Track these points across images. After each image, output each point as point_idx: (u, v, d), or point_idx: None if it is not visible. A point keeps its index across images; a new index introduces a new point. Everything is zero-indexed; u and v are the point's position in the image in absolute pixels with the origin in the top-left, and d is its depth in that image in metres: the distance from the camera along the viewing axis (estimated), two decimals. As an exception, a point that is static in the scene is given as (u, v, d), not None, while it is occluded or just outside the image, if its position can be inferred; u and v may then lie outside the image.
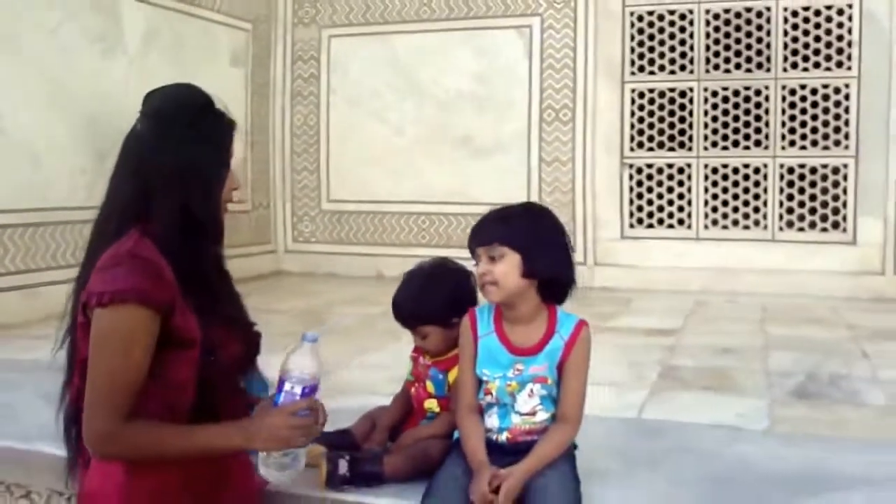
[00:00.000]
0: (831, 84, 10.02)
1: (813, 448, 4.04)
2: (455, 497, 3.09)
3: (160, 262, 2.88)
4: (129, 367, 2.79)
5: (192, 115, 3.07)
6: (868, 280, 9.72)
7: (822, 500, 3.27)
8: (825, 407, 4.96)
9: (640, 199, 10.65)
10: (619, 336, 7.01)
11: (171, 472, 2.88)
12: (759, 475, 3.62)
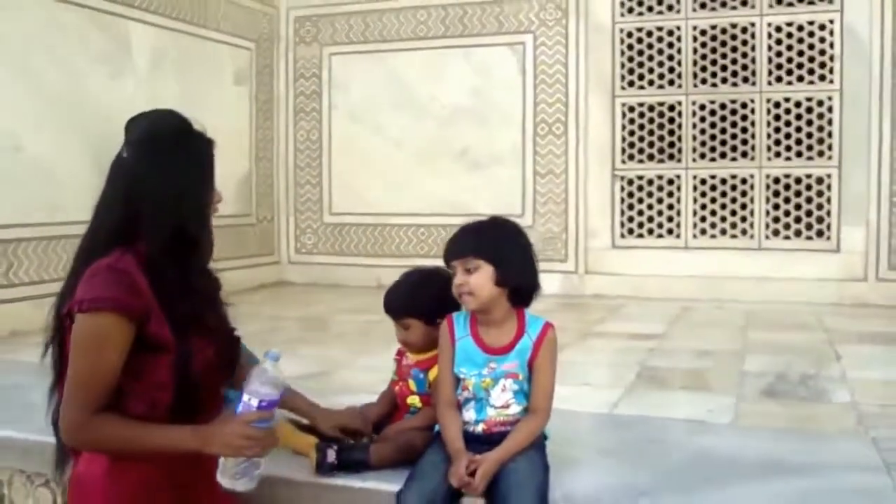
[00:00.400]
0: (814, 97, 10.18)
1: (768, 440, 4.32)
2: (436, 480, 3.34)
3: (136, 276, 3.09)
4: (100, 367, 3.03)
5: (175, 140, 3.29)
6: (851, 287, 9.90)
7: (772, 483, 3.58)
8: (789, 404, 5.22)
9: (630, 210, 10.81)
10: (603, 340, 7.29)
11: (153, 463, 3.08)
12: (717, 463, 3.89)
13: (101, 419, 3.01)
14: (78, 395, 3.03)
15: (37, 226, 8.06)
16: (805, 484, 3.56)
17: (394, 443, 3.72)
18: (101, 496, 3.09)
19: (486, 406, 3.47)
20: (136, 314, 3.05)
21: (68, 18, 8.44)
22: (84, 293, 3.03)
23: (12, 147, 7.83)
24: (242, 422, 2.97)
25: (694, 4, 10.51)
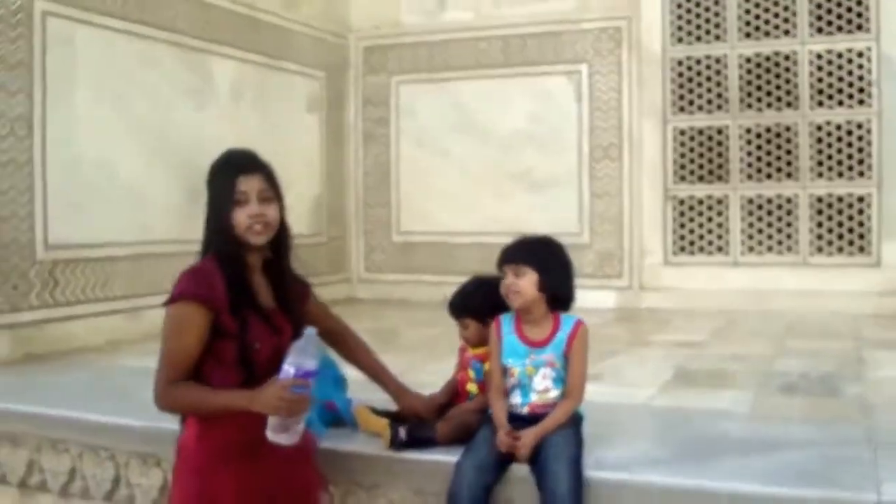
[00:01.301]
0: (854, 120, 10.51)
1: (777, 425, 4.99)
2: (486, 451, 4.04)
3: (215, 275, 3.75)
4: (179, 348, 3.69)
5: (211, 175, 4.01)
6: (891, 300, 10.11)
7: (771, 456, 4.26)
8: (804, 398, 5.83)
9: (682, 228, 11.15)
10: (648, 348, 7.84)
11: (231, 428, 3.68)
12: (728, 442, 4.59)
13: (178, 387, 3.68)
14: (162, 369, 3.72)
15: (128, 245, 8.55)
16: (799, 456, 4.24)
17: (454, 423, 4.39)
18: (195, 454, 3.73)
19: (530, 391, 4.15)
20: (210, 304, 3.69)
21: (159, 54, 8.96)
22: (173, 290, 3.74)
23: (109, 173, 8.32)
24: (280, 387, 3.52)
25: (740, 34, 10.85)
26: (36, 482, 5.62)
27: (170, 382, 3.72)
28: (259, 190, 3.87)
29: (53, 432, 5.52)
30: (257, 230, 3.83)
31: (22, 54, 7.44)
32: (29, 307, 7.53)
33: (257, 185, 3.89)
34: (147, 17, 8.81)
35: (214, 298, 3.70)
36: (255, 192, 3.86)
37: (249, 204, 3.82)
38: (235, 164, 3.97)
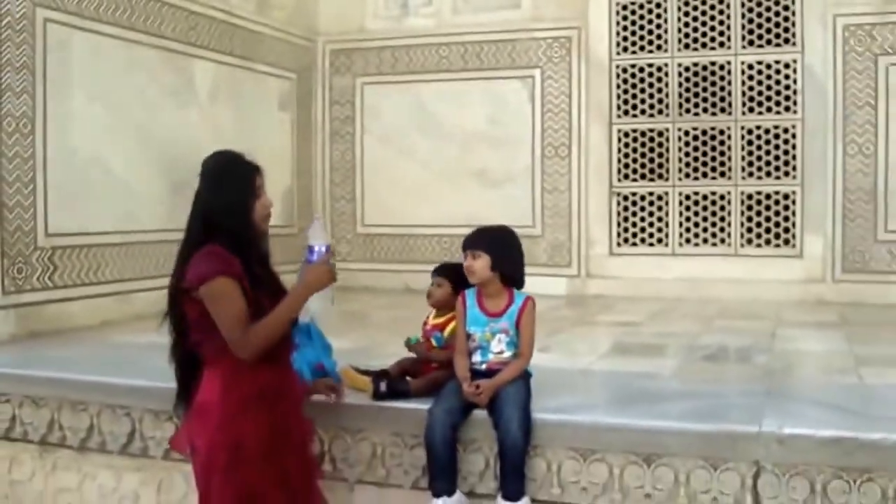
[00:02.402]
0: (780, 125, 11.24)
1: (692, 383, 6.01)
2: (453, 399, 4.95)
3: (230, 257, 4.28)
4: (237, 309, 4.24)
5: (220, 171, 4.47)
6: (812, 287, 10.94)
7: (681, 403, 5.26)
8: (719, 365, 6.84)
9: (626, 222, 11.79)
10: (591, 327, 8.75)
11: (249, 385, 4.30)
12: (650, 394, 5.57)
13: (248, 331, 4.24)
14: (234, 328, 4.24)
15: (118, 233, 9.08)
16: (705, 403, 5.27)
17: (425, 379, 5.31)
18: (218, 410, 4.29)
19: (488, 352, 5.04)
20: (235, 275, 4.26)
21: (145, 57, 9.42)
22: (199, 271, 4.24)
23: (101, 168, 8.84)
24: (325, 262, 4.41)
25: (679, 45, 11.52)
26: (56, 438, 6.27)
27: (242, 331, 4.26)
28: (264, 185, 4.54)
29: (74, 394, 6.20)
30: (267, 219, 4.54)
31: (26, 58, 7.94)
32: (31, 289, 8.04)
33: (264, 181, 4.54)
34: (135, 23, 9.25)
35: (238, 274, 4.31)
36: (264, 187, 4.52)
37: (263, 197, 4.49)
38: (249, 162, 4.56)
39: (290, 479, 4.53)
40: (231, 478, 4.40)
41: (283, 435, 4.51)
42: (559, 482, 5.02)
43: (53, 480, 6.41)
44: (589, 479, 4.97)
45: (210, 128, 10.37)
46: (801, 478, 4.62)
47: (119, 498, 6.20)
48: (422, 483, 5.20)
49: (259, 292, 4.44)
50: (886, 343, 7.82)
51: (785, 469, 4.64)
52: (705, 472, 4.76)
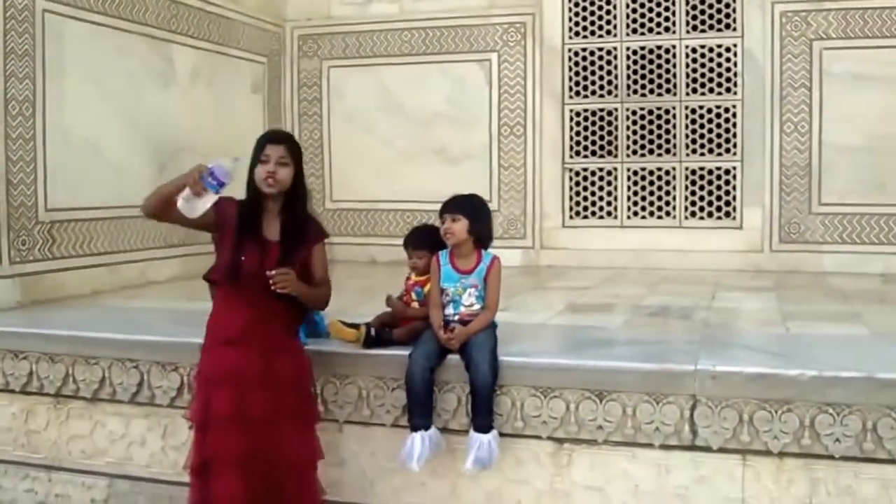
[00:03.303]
0: (722, 105, 11.72)
1: (638, 334, 6.80)
2: (431, 345, 5.65)
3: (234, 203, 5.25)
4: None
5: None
6: (751, 257, 11.46)
7: (627, 349, 6.05)
8: (662, 319, 7.58)
9: (577, 196, 12.24)
10: (546, 291, 9.37)
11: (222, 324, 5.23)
12: (601, 341, 6.36)
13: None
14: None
15: (108, 208, 9.46)
16: (649, 348, 6.07)
17: (405, 329, 6.01)
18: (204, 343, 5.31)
19: (460, 305, 5.74)
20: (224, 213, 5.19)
21: (131, 44, 9.78)
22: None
23: (94, 148, 9.30)
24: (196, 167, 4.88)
25: (627, 30, 11.97)
26: (70, 390, 6.86)
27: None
28: (279, 156, 5.24)
29: (88, 350, 6.80)
30: (270, 183, 5.22)
31: (27, 46, 8.42)
32: (34, 260, 8.54)
33: (279, 152, 5.25)
34: (122, 12, 9.65)
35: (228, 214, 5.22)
36: (275, 157, 5.23)
37: (269, 164, 5.21)
38: (268, 135, 5.47)
39: (249, 412, 5.14)
40: (197, 397, 5.35)
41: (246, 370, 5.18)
42: (522, 417, 5.72)
43: (66, 429, 6.97)
44: (549, 413, 5.68)
45: (189, 109, 10.85)
46: (731, 409, 5.37)
47: (128, 443, 6.79)
48: (402, 421, 5.87)
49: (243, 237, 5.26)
50: (813, 303, 8.52)
51: (717, 402, 5.39)
52: (649, 405, 5.50)
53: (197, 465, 5.22)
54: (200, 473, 5.21)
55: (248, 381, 5.18)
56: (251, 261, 5.18)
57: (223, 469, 5.12)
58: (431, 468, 5.84)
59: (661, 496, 5.59)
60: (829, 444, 5.27)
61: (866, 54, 11.23)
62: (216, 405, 5.13)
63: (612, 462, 5.68)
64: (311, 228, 5.56)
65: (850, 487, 5.29)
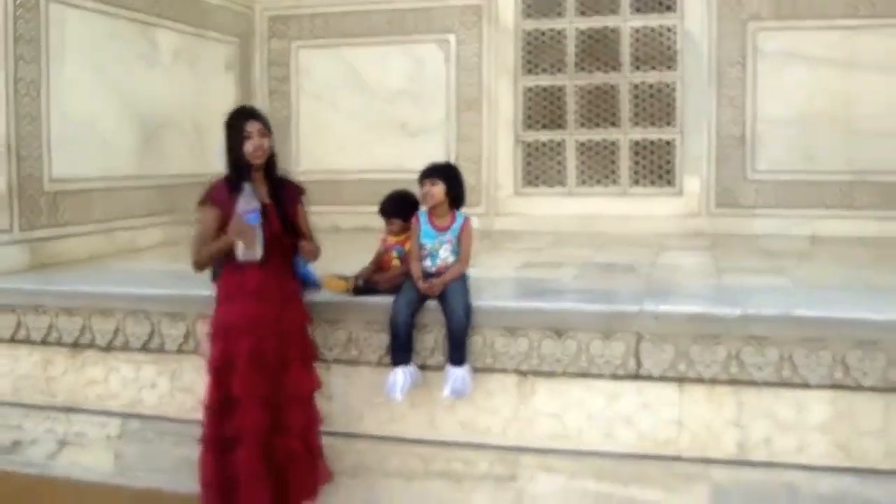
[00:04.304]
0: (663, 81, 12.37)
1: (589, 283, 7.65)
2: (412, 292, 6.42)
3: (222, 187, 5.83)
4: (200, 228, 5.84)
5: (226, 123, 5.93)
6: (691, 220, 12.11)
7: (578, 295, 6.91)
8: (611, 273, 8.38)
9: (529, 166, 12.83)
10: (505, 251, 10.04)
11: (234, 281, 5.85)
12: (553, 289, 7.25)
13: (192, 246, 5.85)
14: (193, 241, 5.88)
15: (102, 179, 10.03)
16: (597, 295, 6.94)
17: (388, 278, 6.79)
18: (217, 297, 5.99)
19: (437, 258, 6.49)
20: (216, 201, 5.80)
21: (121, 28, 10.26)
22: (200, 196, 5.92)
23: (89, 124, 9.80)
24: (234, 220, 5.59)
25: (576, 12, 12.57)
26: (86, 340, 7.58)
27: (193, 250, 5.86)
28: (259, 129, 5.86)
29: (103, 303, 7.53)
30: (258, 155, 5.86)
31: (34, 32, 8.98)
32: (40, 227, 9.11)
33: (258, 126, 5.87)
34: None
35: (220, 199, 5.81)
36: (256, 131, 5.83)
37: (253, 138, 5.82)
38: (244, 112, 6.02)
39: (265, 356, 5.89)
40: (216, 345, 5.94)
41: (264, 319, 5.90)
42: (492, 353, 6.58)
43: (83, 375, 7.70)
44: (515, 349, 6.55)
45: (172, 88, 11.43)
46: (669, 344, 6.28)
47: (139, 386, 7.54)
48: (385, 360, 6.66)
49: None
50: (744, 260, 9.34)
51: (658, 338, 6.30)
52: (600, 341, 6.40)
53: (215, 403, 5.94)
54: (218, 410, 5.93)
55: (267, 328, 5.94)
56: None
57: (249, 404, 5.86)
58: (411, 400, 6.65)
59: (611, 420, 6.46)
60: (752, 372, 6.18)
61: (796, 35, 11.90)
62: (240, 351, 5.86)
63: (569, 391, 6.53)
64: (291, 186, 6.24)
65: (771, 409, 6.19)
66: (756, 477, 6.21)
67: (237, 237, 5.69)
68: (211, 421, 5.99)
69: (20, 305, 7.84)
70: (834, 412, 6.12)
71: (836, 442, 6.12)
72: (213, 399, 5.96)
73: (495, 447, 6.67)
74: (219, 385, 5.93)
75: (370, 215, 7.94)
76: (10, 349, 7.92)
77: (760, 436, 6.24)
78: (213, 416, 5.98)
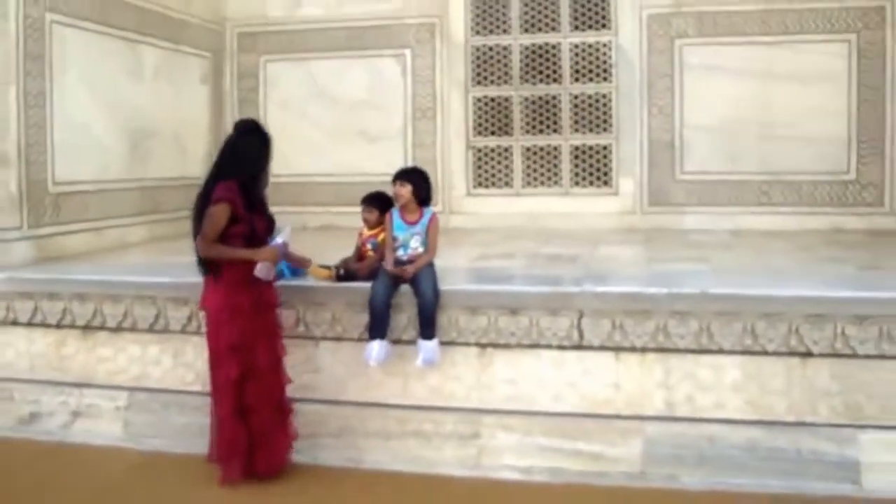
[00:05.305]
0: (600, 92, 13.01)
1: (537, 270, 8.52)
2: (387, 277, 7.24)
3: (236, 189, 6.47)
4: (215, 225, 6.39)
5: (252, 130, 6.79)
6: (626, 218, 12.78)
7: (524, 280, 7.76)
8: (556, 261, 9.17)
9: (479, 169, 13.41)
10: (462, 246, 10.66)
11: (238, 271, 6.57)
12: (505, 276, 8.14)
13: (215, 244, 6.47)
14: (206, 235, 6.44)
15: (95, 182, 10.63)
16: (544, 279, 7.79)
17: (365, 267, 7.61)
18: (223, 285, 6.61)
19: (408, 248, 7.35)
20: (232, 202, 6.42)
21: (112, 46, 11.03)
22: (216, 196, 6.42)
23: (85, 132, 10.35)
24: (275, 246, 6.60)
25: (520, 29, 13.19)
26: (97, 323, 8.30)
27: (209, 242, 6.46)
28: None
29: (113, 290, 8.28)
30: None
31: (40, 49, 9.61)
32: (45, 225, 9.74)
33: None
34: (107, 19, 10.87)
35: (236, 201, 6.48)
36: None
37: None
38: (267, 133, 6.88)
39: (271, 329, 6.86)
40: (234, 325, 6.65)
41: (264, 302, 6.81)
42: (456, 329, 7.45)
43: (94, 354, 8.41)
44: (476, 325, 7.42)
45: (154, 100, 12.05)
46: (606, 319, 7.20)
47: (145, 363, 8.26)
48: (364, 336, 7.43)
49: (254, 215, 6.66)
50: (673, 251, 10.16)
51: (597, 314, 7.22)
52: (548, 317, 7.29)
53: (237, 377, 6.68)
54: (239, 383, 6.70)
55: (269, 305, 6.89)
56: (261, 226, 6.78)
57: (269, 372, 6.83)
58: (387, 370, 7.49)
59: (559, 384, 7.36)
60: (677, 341, 7.12)
61: (718, 49, 12.70)
62: (254, 328, 6.71)
63: (522, 360, 7.42)
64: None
65: (692, 372, 7.15)
66: (681, 430, 7.12)
67: (265, 260, 6.60)
68: (233, 393, 6.70)
69: (37, 293, 8.54)
70: (744, 374, 7.06)
71: (747, 399, 7.06)
72: (236, 373, 6.67)
73: (460, 409, 7.50)
74: (240, 361, 6.68)
75: (335, 214, 8.74)
76: (28, 332, 8.59)
77: (684, 395, 7.16)
78: (234, 389, 6.70)
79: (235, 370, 6.63)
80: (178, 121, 12.66)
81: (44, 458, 7.81)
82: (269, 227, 6.89)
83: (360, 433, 7.59)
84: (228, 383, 6.66)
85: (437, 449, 7.44)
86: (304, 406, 7.50)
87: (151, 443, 7.97)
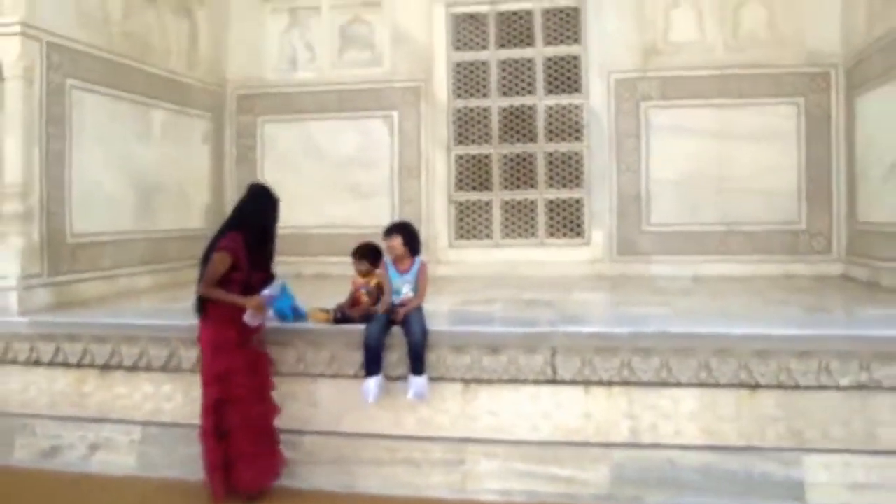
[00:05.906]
0: (572, 150, 13.37)
1: (512, 312, 8.95)
2: (381, 320, 7.69)
3: (241, 242, 7.11)
4: (217, 271, 6.94)
5: (262, 194, 7.43)
6: (598, 266, 13.13)
7: (504, 322, 8.25)
8: (533, 306, 9.58)
9: (461, 222, 13.68)
10: (446, 293, 11.03)
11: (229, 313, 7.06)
12: (489, 318, 8.56)
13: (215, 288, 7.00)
14: (208, 278, 6.99)
15: (108, 233, 10.99)
16: (523, 319, 8.25)
17: (361, 311, 8.05)
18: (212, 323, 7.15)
19: (401, 293, 7.82)
20: (235, 253, 6.98)
21: (124, 108, 11.38)
22: (221, 244, 7.02)
23: (98, 187, 10.73)
24: (262, 296, 7.05)
25: (498, 93, 13.61)
26: (114, 363, 8.67)
27: (209, 284, 7.03)
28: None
29: (130, 332, 8.66)
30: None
31: (60, 113, 10.04)
32: (63, 273, 10.11)
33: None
34: (119, 83, 11.27)
35: (238, 253, 7.05)
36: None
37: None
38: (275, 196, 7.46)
39: (253, 364, 7.33)
40: (220, 357, 7.20)
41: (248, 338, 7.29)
42: (444, 366, 7.88)
43: (111, 391, 8.75)
44: (461, 363, 7.87)
45: (161, 158, 12.42)
46: (577, 356, 7.68)
47: (158, 399, 8.62)
48: (360, 374, 7.87)
49: (253, 271, 7.19)
50: (637, 296, 10.56)
51: (569, 351, 7.70)
52: (525, 355, 7.78)
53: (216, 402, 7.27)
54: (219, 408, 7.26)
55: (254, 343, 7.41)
56: (257, 279, 7.29)
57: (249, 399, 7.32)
58: (380, 404, 7.86)
59: (535, 415, 7.80)
60: (640, 375, 7.60)
61: (679, 111, 13.16)
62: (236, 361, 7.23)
63: (503, 394, 7.86)
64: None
65: (654, 404, 7.63)
66: (645, 455, 7.59)
67: (255, 309, 7.07)
68: (213, 416, 7.25)
69: (59, 335, 8.91)
70: (700, 404, 7.56)
71: (703, 426, 7.56)
72: (216, 398, 7.23)
73: (447, 439, 7.92)
74: (222, 388, 7.22)
75: (328, 264, 9.08)
76: (49, 371, 8.93)
77: (647, 423, 7.63)
78: (214, 413, 7.24)
79: (216, 395, 7.19)
80: (182, 176, 13.02)
81: (65, 489, 8.12)
82: (267, 281, 7.38)
83: (353, 461, 7.96)
84: (209, 407, 7.22)
85: (425, 475, 7.84)
86: (303, 437, 8.01)
87: (163, 473, 8.30)
